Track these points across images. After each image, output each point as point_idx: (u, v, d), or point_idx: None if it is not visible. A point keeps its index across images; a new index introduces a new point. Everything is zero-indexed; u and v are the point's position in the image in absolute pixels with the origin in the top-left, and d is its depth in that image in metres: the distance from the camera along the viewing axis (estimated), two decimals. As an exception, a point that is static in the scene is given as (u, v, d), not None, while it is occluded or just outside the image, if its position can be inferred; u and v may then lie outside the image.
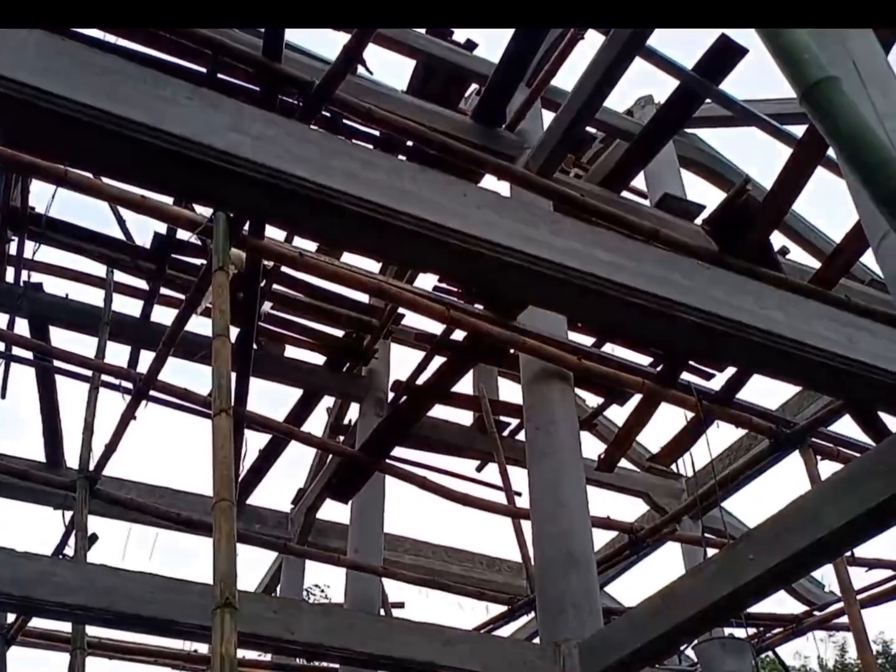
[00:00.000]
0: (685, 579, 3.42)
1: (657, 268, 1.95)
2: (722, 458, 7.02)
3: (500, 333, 4.09)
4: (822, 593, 7.19)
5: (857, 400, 2.31)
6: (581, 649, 3.83)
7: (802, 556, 2.91)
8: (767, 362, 2.13)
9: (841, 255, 3.67)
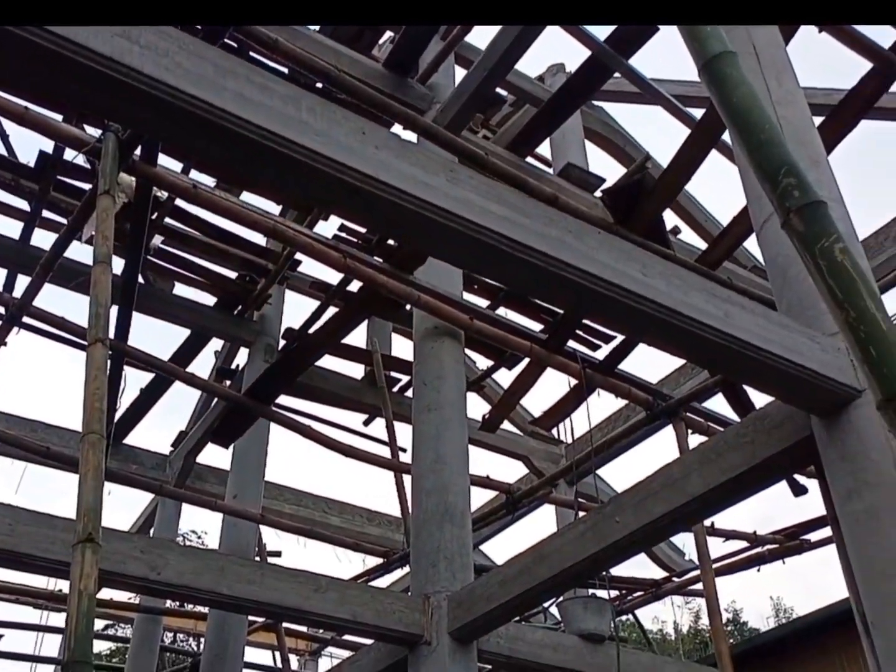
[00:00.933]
0: (554, 539, 3.53)
1: (551, 227, 1.97)
2: (601, 427, 7.27)
3: (396, 287, 4.07)
4: (683, 561, 7.58)
5: (729, 373, 2.41)
6: (450, 601, 3.93)
7: (665, 521, 3.05)
8: (648, 329, 2.19)
9: (727, 238, 3.82)
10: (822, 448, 2.46)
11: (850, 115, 3.25)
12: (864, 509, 2.29)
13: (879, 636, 2.21)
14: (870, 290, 1.51)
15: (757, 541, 6.40)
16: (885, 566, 2.21)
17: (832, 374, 2.30)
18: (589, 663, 4.53)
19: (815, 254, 1.52)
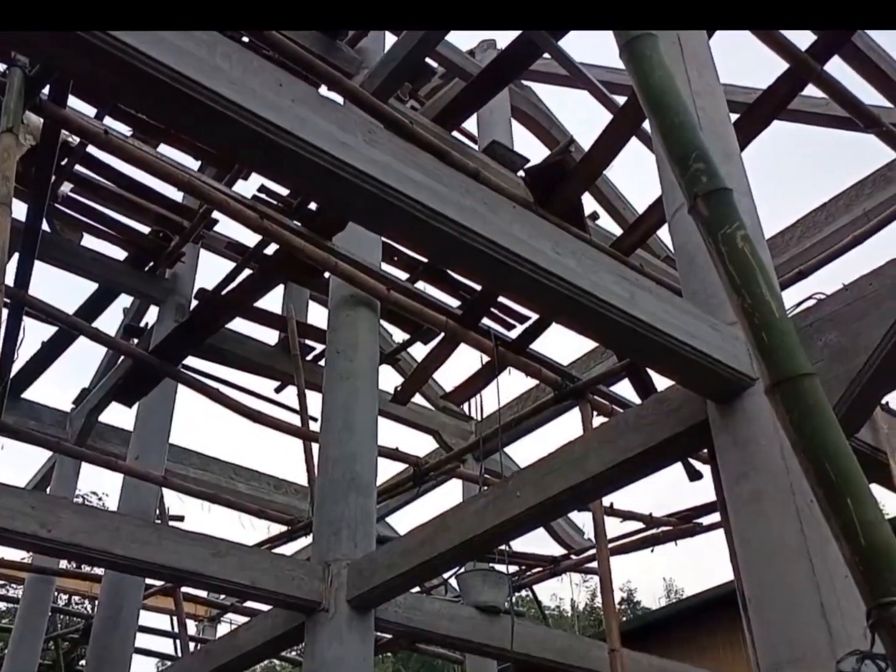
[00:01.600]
0: (455, 511, 3.57)
1: (467, 198, 1.97)
2: (511, 406, 7.37)
3: (313, 252, 4.02)
4: (582, 539, 7.78)
5: (633, 355, 2.47)
6: (350, 570, 3.94)
7: (563, 497, 3.12)
8: (557, 307, 2.22)
9: (642, 225, 3.91)
10: (716, 432, 2.56)
11: (765, 113, 3.35)
12: (751, 493, 2.39)
13: (755, 614, 2.32)
14: (767, 279, 1.56)
15: (652, 522, 6.61)
16: (766, 548, 2.32)
17: (729, 361, 2.38)
18: (484, 635, 4.62)
19: (718, 239, 1.56)
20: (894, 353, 2.23)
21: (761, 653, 2.27)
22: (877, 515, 1.45)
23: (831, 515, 1.47)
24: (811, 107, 4.79)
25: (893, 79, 4.32)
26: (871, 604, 1.44)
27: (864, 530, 1.43)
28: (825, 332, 2.35)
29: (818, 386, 1.51)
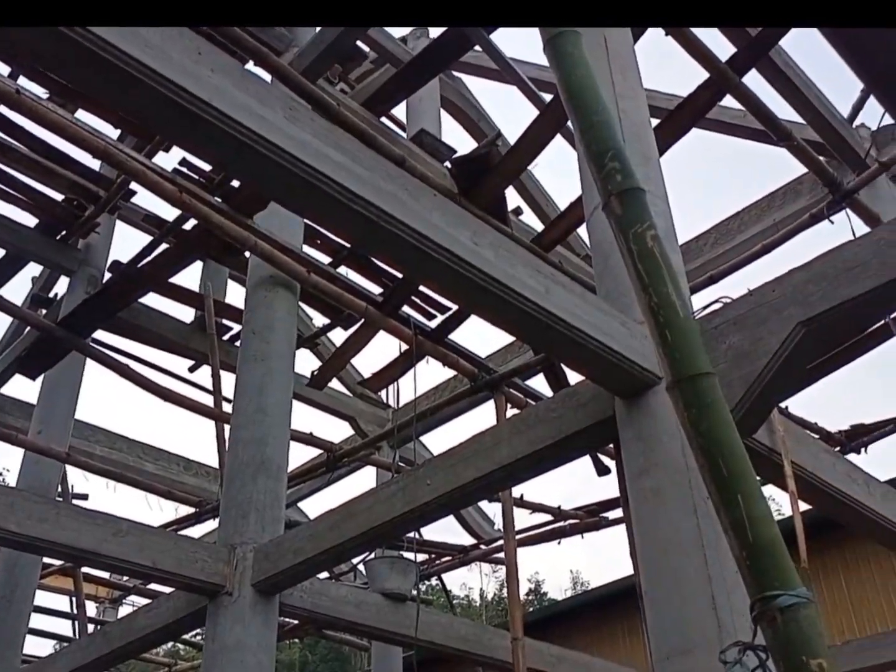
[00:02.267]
0: (365, 497, 3.57)
1: (388, 182, 1.96)
2: (429, 395, 7.40)
3: (233, 229, 3.94)
4: (491, 530, 7.88)
5: (545, 349, 2.51)
6: (256, 553, 3.89)
7: (473, 486, 3.14)
8: (473, 297, 2.23)
9: (562, 222, 3.97)
10: (622, 428, 2.62)
11: (685, 120, 3.44)
12: (652, 488, 2.46)
13: (650, 605, 2.39)
14: (673, 279, 1.60)
15: (560, 515, 6.75)
16: (663, 541, 2.39)
17: (637, 358, 2.44)
18: (389, 621, 4.64)
19: (629, 238, 1.60)
20: (792, 358, 2.32)
21: (654, 643, 2.34)
22: (765, 512, 1.51)
23: (722, 511, 1.52)
24: (730, 118, 4.94)
25: (807, 96, 4.49)
26: (754, 597, 1.49)
27: (752, 526, 1.48)
28: (729, 335, 2.43)
29: (716, 385, 1.56)
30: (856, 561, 8.98)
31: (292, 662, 27.61)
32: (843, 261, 2.24)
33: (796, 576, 1.48)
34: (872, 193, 4.96)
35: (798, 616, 1.44)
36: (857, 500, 3.13)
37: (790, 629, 1.44)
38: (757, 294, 2.41)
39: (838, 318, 2.26)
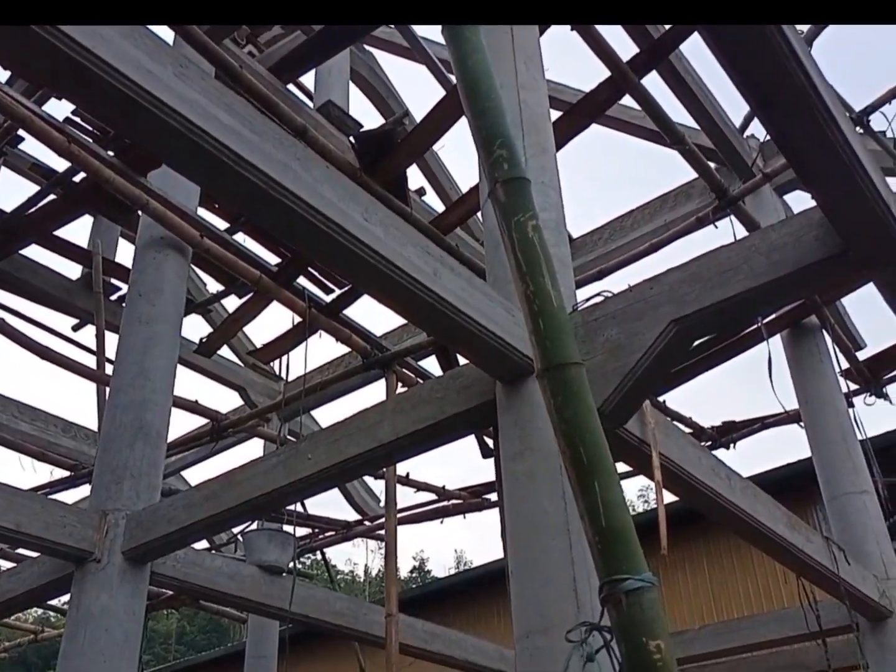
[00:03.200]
0: (245, 468, 3.53)
1: (279, 150, 1.93)
2: (323, 370, 7.34)
3: (123, 186, 3.80)
4: (376, 506, 7.91)
5: (431, 330, 2.53)
6: (129, 520, 3.80)
7: (355, 462, 3.16)
8: (361, 274, 2.22)
9: (462, 206, 4.00)
10: (501, 412, 2.68)
11: (584, 115, 3.52)
12: (525, 471, 2.53)
13: (515, 585, 2.46)
14: (551, 269, 1.64)
15: (445, 495, 6.84)
16: (532, 523, 2.46)
17: (519, 345, 2.50)
18: (264, 594, 4.61)
19: (511, 226, 1.63)
20: (664, 353, 2.42)
21: (516, 621, 2.41)
22: (619, 499, 1.57)
23: (579, 496, 1.58)
24: (631, 117, 5.08)
25: (703, 103, 4.66)
26: (603, 580, 1.56)
27: (606, 512, 1.54)
28: (607, 328, 2.51)
29: (583, 375, 1.61)
30: (718, 551, 9.46)
31: (169, 633, 27.11)
32: (717, 264, 2.35)
33: (643, 561, 1.55)
34: (757, 202, 5.21)
35: (642, 599, 1.51)
36: (719, 492, 3.29)
37: (634, 612, 1.50)
38: (636, 290, 2.50)
39: (709, 319, 2.37)
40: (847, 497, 4.92)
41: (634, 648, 1.48)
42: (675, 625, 8.43)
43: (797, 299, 4.09)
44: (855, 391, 5.60)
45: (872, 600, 4.38)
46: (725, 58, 1.56)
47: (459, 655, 5.81)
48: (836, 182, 1.86)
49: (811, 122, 1.70)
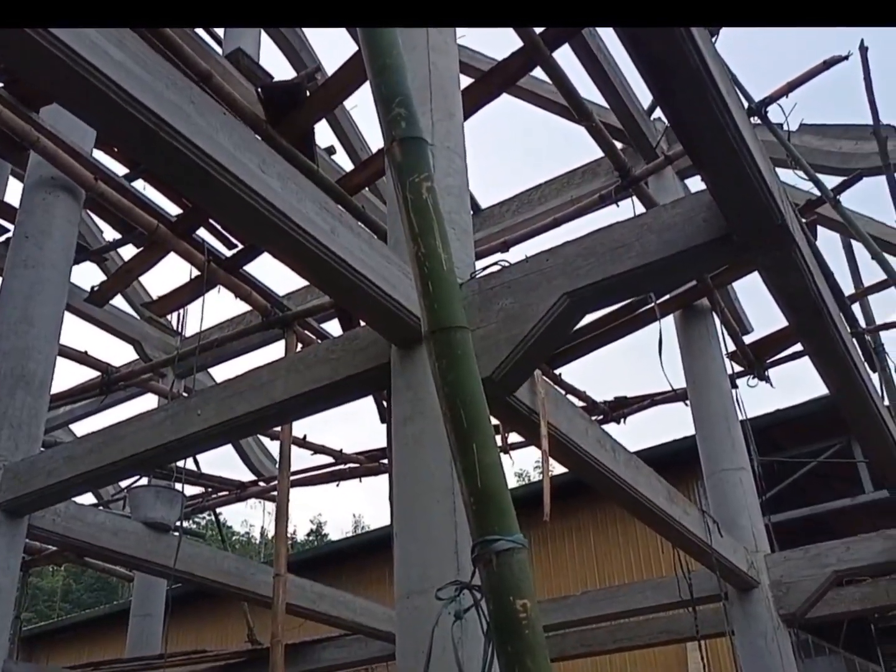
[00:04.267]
0: (131, 422, 3.43)
1: (172, 91, 1.86)
2: (223, 327, 7.19)
3: (12, 120, 3.59)
4: (273, 467, 7.85)
5: (327, 289, 2.50)
6: (6, 471, 3.66)
7: (245, 420, 3.11)
8: (256, 227, 2.16)
9: (370, 166, 3.96)
10: (394, 376, 2.68)
11: (495, 85, 3.52)
12: (414, 434, 2.54)
13: (399, 547, 2.49)
14: (443, 233, 1.64)
15: (342, 458, 6.84)
16: (418, 487, 2.48)
17: (415, 309, 2.49)
18: (149, 551, 4.52)
19: (406, 186, 1.62)
20: (556, 324, 2.46)
21: (398, 582, 2.44)
22: (495, 462, 1.60)
23: (458, 458, 1.59)
24: (544, 91, 5.11)
25: (613, 82, 4.73)
26: (476, 540, 1.58)
27: (482, 473, 1.56)
28: (503, 297, 2.54)
29: (468, 340, 1.63)
30: (605, 521, 9.81)
31: (53, 590, 26.32)
32: (611, 240, 2.40)
33: (515, 523, 1.58)
34: (659, 185, 5.35)
35: (511, 560, 1.54)
36: (604, 464, 3.38)
37: (503, 571, 1.54)
38: (532, 262, 2.53)
39: (600, 293, 2.42)
40: (725, 473, 5.16)
41: (501, 607, 1.51)
42: (560, 591, 8.71)
43: (686, 278, 4.23)
44: (739, 373, 5.85)
45: (741, 571, 4.61)
46: (624, 33, 1.58)
47: (347, 616, 5.85)
48: (725, 166, 1.92)
49: (704, 106, 1.74)
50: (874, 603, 5.14)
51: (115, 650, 8.29)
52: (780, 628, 4.77)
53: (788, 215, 2.22)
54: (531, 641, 1.49)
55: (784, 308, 2.57)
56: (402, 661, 2.34)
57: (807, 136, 5.37)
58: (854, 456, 8.90)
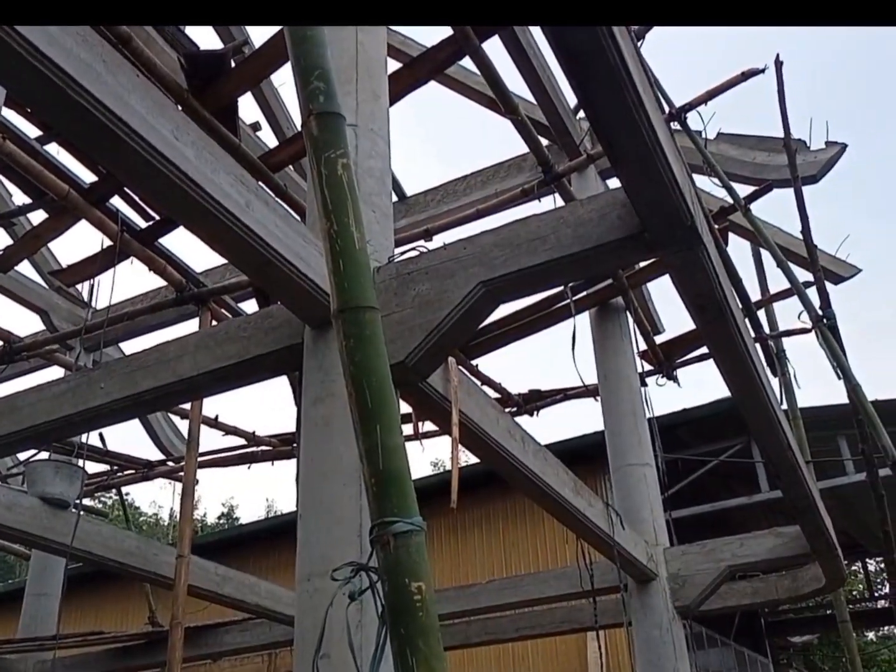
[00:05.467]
0: (28, 393, 3.31)
1: (82, 48, 1.78)
2: (136, 301, 6.99)
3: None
4: (183, 448, 7.68)
5: (239, 265, 2.44)
6: None
7: (150, 395, 3.04)
8: (168, 197, 2.10)
9: (294, 145, 3.89)
10: (307, 356, 2.65)
11: (424, 71, 3.50)
12: (323, 416, 2.52)
13: (303, 529, 2.47)
14: (356, 211, 1.63)
15: (254, 440, 6.74)
16: (325, 469, 2.46)
17: (329, 289, 2.47)
18: (45, 527, 4.38)
19: (321, 161, 1.59)
20: (470, 313, 2.47)
21: (300, 564, 2.42)
22: (398, 444, 1.59)
23: (361, 438, 1.59)
24: (473, 83, 5.13)
25: (542, 79, 4.78)
26: (375, 521, 1.58)
27: (384, 455, 1.56)
28: (419, 283, 2.54)
29: (378, 321, 1.62)
30: (514, 511, 9.96)
31: (-57, 569, 25.24)
32: (528, 231, 2.42)
33: (415, 505, 1.58)
34: (582, 184, 5.44)
35: (409, 542, 1.54)
36: (513, 454, 3.42)
37: (400, 553, 1.54)
38: (450, 249, 2.54)
39: (515, 283, 2.44)
40: (630, 468, 5.30)
41: (396, 588, 1.52)
42: (468, 579, 8.80)
43: (599, 272, 4.31)
44: (649, 372, 6.01)
45: (641, 563, 4.75)
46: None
47: (252, 600, 5.79)
48: (638, 164, 1.96)
49: (620, 101, 1.77)
50: (764, 597, 5.37)
51: (8, 630, 8.01)
52: (676, 620, 4.93)
53: (698, 217, 2.29)
54: (425, 624, 1.49)
55: (690, 308, 2.64)
56: (301, 644, 2.33)
57: (723, 144, 5.54)
58: (752, 456, 9.27)
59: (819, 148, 5.17)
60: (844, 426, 8.17)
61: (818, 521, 4.33)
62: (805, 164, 5.00)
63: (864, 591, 20.11)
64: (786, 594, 5.28)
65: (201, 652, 6.59)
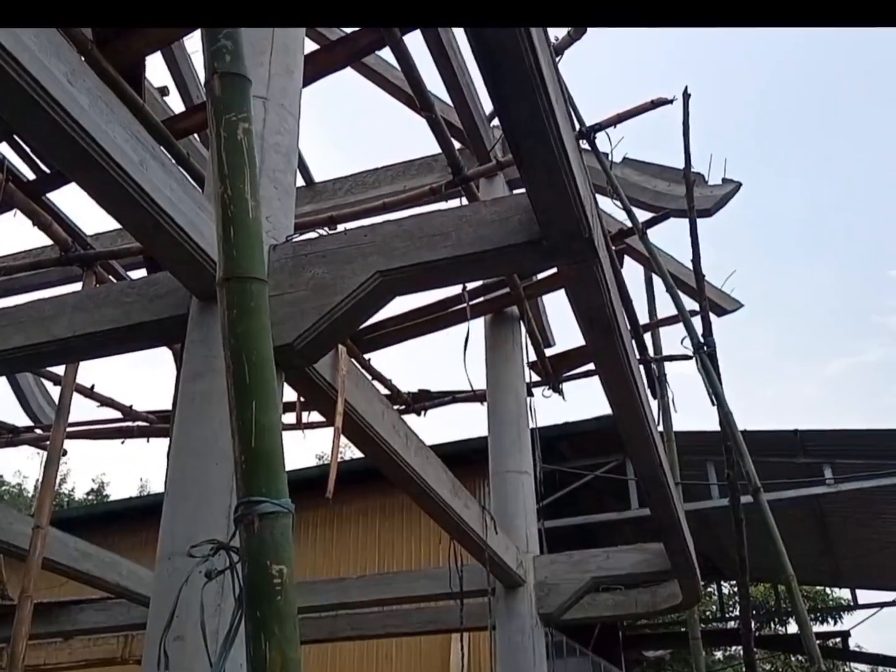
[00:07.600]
0: None
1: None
2: (16, 257, 6.62)
3: None
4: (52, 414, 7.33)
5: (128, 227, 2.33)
6: None
7: (18, 354, 2.88)
8: (55, 143, 1.97)
9: (202, 112, 3.77)
10: (191, 329, 2.57)
11: (342, 56, 3.45)
12: (202, 392, 2.44)
13: (168, 506, 2.38)
14: (253, 178, 1.58)
15: (131, 415, 6.49)
16: (198, 446, 2.38)
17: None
18: None
19: (221, 123, 1.54)
20: (365, 301, 2.44)
21: (161, 543, 2.33)
22: (273, 423, 1.55)
23: (235, 413, 1.54)
24: (393, 77, 5.10)
25: (460, 81, 4.79)
26: (241, 500, 1.53)
27: (257, 433, 1.52)
28: (316, 266, 2.49)
29: (264, 294, 1.58)
30: (392, 509, 9.96)
31: None
32: (430, 226, 2.42)
33: (285, 487, 1.54)
34: (490, 191, 5.50)
35: (275, 524, 1.50)
36: (395, 449, 3.40)
37: (264, 534, 1.50)
38: (351, 235, 2.50)
39: (412, 276, 2.42)
40: (509, 475, 5.37)
41: (257, 570, 1.48)
42: (340, 573, 8.73)
43: (496, 274, 4.34)
44: (536, 383, 6.12)
45: (511, 568, 4.82)
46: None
47: (112, 578, 5.57)
48: (544, 170, 1.98)
49: (532, 106, 1.78)
50: (625, 611, 5.54)
51: None
52: (538, 626, 5.03)
53: (597, 232, 2.33)
54: (282, 608, 1.46)
55: (580, 321, 2.69)
56: (153, 623, 2.24)
57: (628, 169, 5.70)
58: (626, 474, 9.59)
59: (716, 184, 5.39)
60: (714, 452, 8.53)
61: (681, 541, 4.50)
62: (701, 198, 5.20)
63: (716, 612, 21.11)
64: (644, 609, 5.47)
65: (52, 629, 6.29)
